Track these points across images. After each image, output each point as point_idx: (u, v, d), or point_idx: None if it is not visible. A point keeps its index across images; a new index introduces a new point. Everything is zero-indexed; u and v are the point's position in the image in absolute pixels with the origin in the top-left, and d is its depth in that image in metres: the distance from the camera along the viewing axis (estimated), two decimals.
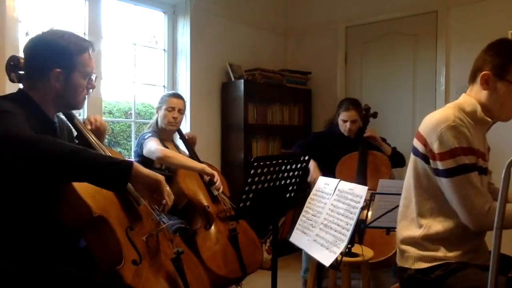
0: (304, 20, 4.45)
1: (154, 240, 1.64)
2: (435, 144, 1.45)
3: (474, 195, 1.42)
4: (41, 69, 1.44)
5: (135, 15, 3.46)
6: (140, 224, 1.62)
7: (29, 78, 1.47)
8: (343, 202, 1.71)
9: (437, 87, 3.63)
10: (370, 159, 2.93)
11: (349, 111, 3.04)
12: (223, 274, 2.27)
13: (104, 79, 3.18)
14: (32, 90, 1.45)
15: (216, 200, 2.55)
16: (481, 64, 1.53)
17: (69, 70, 1.45)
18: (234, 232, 2.43)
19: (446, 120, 1.46)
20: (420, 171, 1.55)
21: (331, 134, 3.19)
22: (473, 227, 1.45)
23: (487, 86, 1.51)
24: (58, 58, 1.44)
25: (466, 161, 1.43)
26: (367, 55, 4.07)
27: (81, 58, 1.48)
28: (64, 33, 1.48)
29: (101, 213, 1.41)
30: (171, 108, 2.70)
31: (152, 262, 1.57)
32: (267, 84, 3.98)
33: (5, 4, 2.57)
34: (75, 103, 1.53)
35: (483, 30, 3.32)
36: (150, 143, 2.53)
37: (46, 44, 1.45)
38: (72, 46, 1.46)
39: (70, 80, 1.46)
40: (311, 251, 1.70)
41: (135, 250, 1.49)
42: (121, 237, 1.46)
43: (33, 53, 1.46)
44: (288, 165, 1.86)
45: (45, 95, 1.45)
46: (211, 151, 3.76)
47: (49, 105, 1.47)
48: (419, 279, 1.51)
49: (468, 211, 1.43)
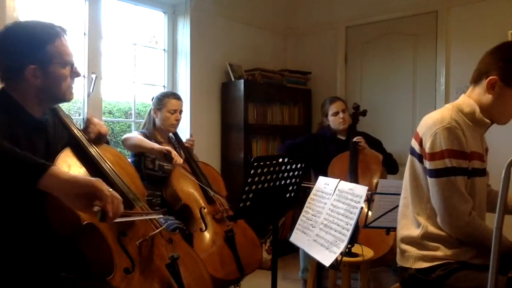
0: (304, 20, 4.45)
1: (148, 245, 1.57)
2: (428, 143, 1.47)
3: (456, 198, 1.43)
4: (14, 68, 1.34)
5: (135, 15, 3.46)
6: (133, 228, 1.54)
7: (7, 78, 1.38)
8: (343, 202, 1.71)
9: (437, 87, 3.63)
10: (360, 158, 2.94)
11: (336, 102, 3.12)
12: (221, 277, 2.23)
13: (104, 79, 3.18)
14: (12, 90, 1.37)
15: (211, 201, 2.51)
16: (488, 68, 1.51)
17: (44, 63, 1.34)
18: (231, 233, 2.39)
19: (442, 121, 1.47)
20: (417, 171, 1.56)
21: (322, 135, 3.21)
22: (449, 229, 1.45)
23: (492, 90, 1.50)
24: (29, 53, 1.33)
25: (455, 164, 1.44)
26: (367, 55, 4.07)
27: (53, 46, 1.36)
28: (28, 24, 1.37)
29: (91, 220, 1.34)
30: (174, 110, 2.66)
31: (146, 268, 1.51)
32: (267, 84, 3.98)
33: (5, 4, 2.56)
34: (61, 95, 1.42)
35: (483, 30, 3.32)
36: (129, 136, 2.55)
37: (12, 41, 1.33)
38: (40, 36, 1.34)
39: (49, 73, 1.36)
40: (311, 251, 1.70)
41: (127, 257, 1.44)
42: (113, 244, 1.40)
43: (4, 51, 1.35)
44: (288, 165, 1.86)
45: (26, 94, 1.36)
46: (211, 151, 3.76)
47: (33, 103, 1.38)
48: (420, 279, 1.52)
49: (447, 213, 1.44)
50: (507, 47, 1.54)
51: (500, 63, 1.49)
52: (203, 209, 2.45)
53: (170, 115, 2.65)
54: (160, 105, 2.67)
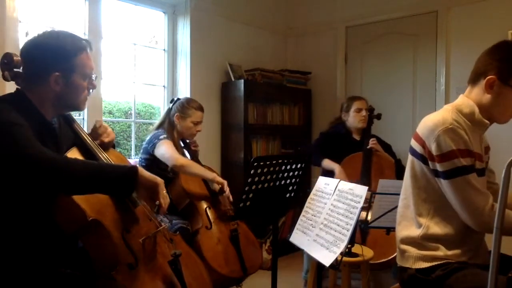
0: (304, 20, 4.45)
1: (151, 242, 1.61)
2: (433, 146, 1.46)
3: (474, 196, 1.43)
4: (39, 73, 1.42)
5: (135, 15, 3.46)
6: (137, 226, 1.59)
7: (27, 80, 1.45)
8: (343, 202, 1.71)
9: (437, 87, 3.63)
10: (374, 160, 2.92)
11: (361, 100, 3.12)
12: (226, 273, 2.28)
13: (104, 79, 3.18)
14: (30, 92, 1.44)
15: (217, 201, 2.56)
16: (486, 68, 1.51)
17: (68, 72, 1.44)
18: (235, 232, 2.45)
19: (443, 122, 1.47)
20: (418, 171, 1.56)
21: (337, 133, 3.17)
22: (476, 227, 1.45)
23: (491, 90, 1.50)
24: (56, 61, 1.42)
25: (464, 163, 1.44)
26: (367, 55, 4.07)
27: (79, 59, 1.46)
28: (59, 34, 1.46)
29: (96, 216, 1.38)
30: (198, 122, 2.73)
31: (149, 265, 1.55)
32: (267, 84, 3.98)
33: (5, 4, 2.57)
34: (76, 104, 1.52)
35: (483, 30, 3.32)
36: (165, 147, 2.50)
37: (42, 48, 1.43)
38: (69, 47, 1.44)
39: (70, 83, 1.45)
40: (311, 251, 1.70)
41: (131, 253, 1.47)
42: (117, 240, 1.43)
43: (30, 57, 1.44)
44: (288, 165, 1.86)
45: (44, 98, 1.44)
46: (211, 151, 3.76)
47: (48, 107, 1.46)
48: (420, 279, 1.52)
49: (469, 211, 1.43)
50: (504, 46, 1.53)
51: (497, 62, 1.49)
52: (208, 209, 2.51)
53: (192, 126, 2.71)
54: (185, 114, 2.70)
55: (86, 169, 1.27)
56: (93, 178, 1.27)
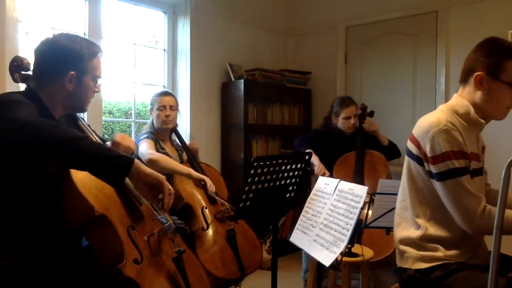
0: (304, 20, 4.45)
1: (155, 240, 1.66)
2: (427, 147, 1.47)
3: (466, 198, 1.43)
4: (55, 71, 1.48)
5: (135, 15, 3.46)
6: (142, 223, 1.64)
7: (39, 78, 1.50)
8: (343, 202, 1.71)
9: (437, 87, 3.63)
10: (367, 159, 2.94)
11: (350, 107, 3.10)
12: (222, 276, 2.25)
13: (104, 79, 3.17)
14: (40, 90, 1.48)
15: (213, 201, 2.54)
16: (473, 65, 1.53)
17: (82, 73, 1.51)
18: (232, 232, 2.42)
19: (438, 124, 1.47)
20: (414, 173, 1.56)
21: (328, 132, 3.19)
22: (467, 229, 1.45)
23: (481, 86, 1.51)
24: (73, 62, 1.49)
25: (457, 165, 1.44)
26: (367, 55, 4.07)
27: (93, 62, 1.55)
28: (76, 37, 1.54)
29: (103, 212, 1.44)
30: (162, 107, 2.70)
31: (153, 261, 1.58)
32: (267, 84, 3.98)
33: (5, 4, 2.56)
34: (83, 105, 1.58)
35: (483, 30, 3.31)
36: (142, 145, 2.52)
37: (62, 48, 1.49)
38: (85, 50, 1.52)
39: (82, 83, 1.51)
40: (311, 251, 1.70)
41: (136, 249, 1.51)
42: (123, 236, 1.48)
43: (47, 55, 1.50)
44: (288, 165, 1.86)
45: (55, 96, 1.49)
46: (211, 151, 3.76)
47: (57, 106, 1.51)
48: (419, 279, 1.52)
49: (461, 213, 1.44)
50: (489, 42, 1.55)
51: (484, 58, 1.50)
52: (204, 209, 2.48)
53: (160, 112, 2.70)
54: (152, 105, 2.75)
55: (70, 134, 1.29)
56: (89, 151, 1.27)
